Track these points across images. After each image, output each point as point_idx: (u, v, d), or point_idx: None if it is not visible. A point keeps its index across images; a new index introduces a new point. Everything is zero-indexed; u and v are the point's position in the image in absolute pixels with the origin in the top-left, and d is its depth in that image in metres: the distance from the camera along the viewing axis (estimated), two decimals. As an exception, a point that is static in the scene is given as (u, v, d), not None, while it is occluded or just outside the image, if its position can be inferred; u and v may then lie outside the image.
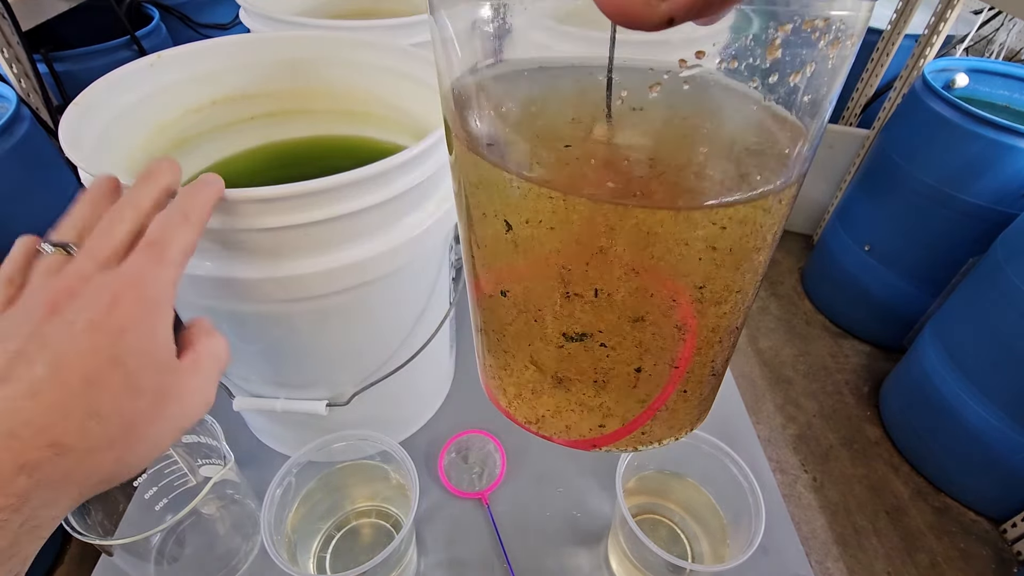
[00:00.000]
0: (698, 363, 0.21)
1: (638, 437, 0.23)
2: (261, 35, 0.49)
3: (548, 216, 0.17)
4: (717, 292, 0.18)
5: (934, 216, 1.33)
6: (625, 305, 0.18)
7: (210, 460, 0.48)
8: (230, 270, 0.35)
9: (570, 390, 0.21)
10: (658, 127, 0.18)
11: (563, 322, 0.19)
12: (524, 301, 0.20)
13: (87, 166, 0.31)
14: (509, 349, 0.22)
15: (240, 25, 0.59)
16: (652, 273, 0.17)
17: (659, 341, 0.19)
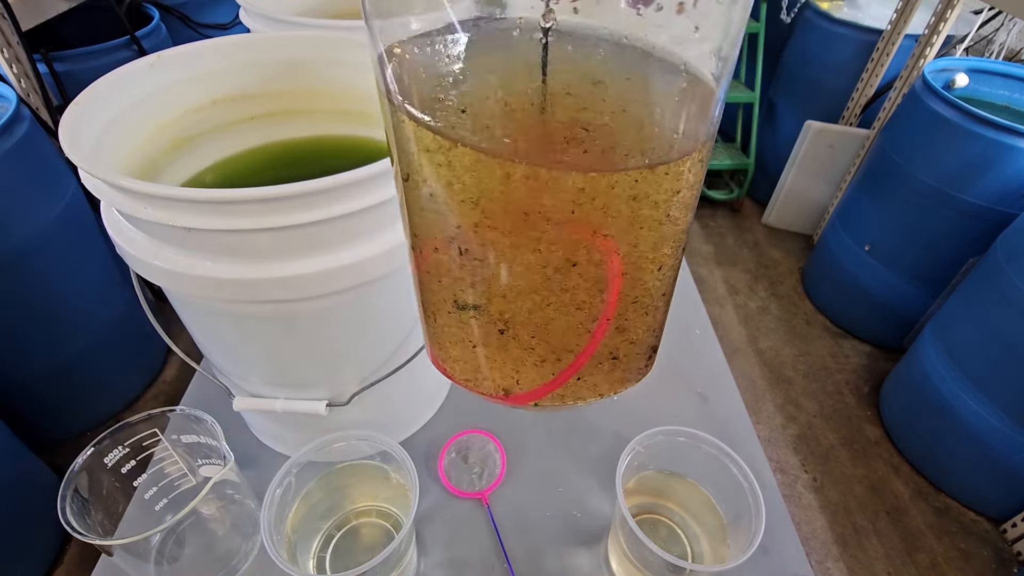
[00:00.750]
0: (624, 317, 0.21)
1: (575, 389, 0.23)
2: (261, 35, 0.49)
3: (473, 176, 0.17)
4: (639, 249, 0.19)
5: (934, 216, 1.33)
6: (550, 262, 0.19)
7: (210, 460, 0.48)
8: (230, 270, 0.35)
9: (503, 347, 0.21)
10: (582, 91, 0.18)
11: (489, 281, 0.20)
12: (457, 264, 0.20)
13: (87, 166, 0.31)
14: (443, 310, 0.22)
15: (240, 25, 0.59)
16: (575, 232, 0.18)
17: (584, 296, 0.20)
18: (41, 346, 1.12)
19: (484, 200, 0.18)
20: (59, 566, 1.09)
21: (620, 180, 0.17)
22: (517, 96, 0.18)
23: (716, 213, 2.13)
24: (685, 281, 0.79)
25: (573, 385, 0.23)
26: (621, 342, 0.22)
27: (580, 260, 0.19)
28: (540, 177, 0.17)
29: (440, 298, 0.22)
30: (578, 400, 0.24)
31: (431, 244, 0.21)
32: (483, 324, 0.21)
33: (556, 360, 0.22)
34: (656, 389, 0.64)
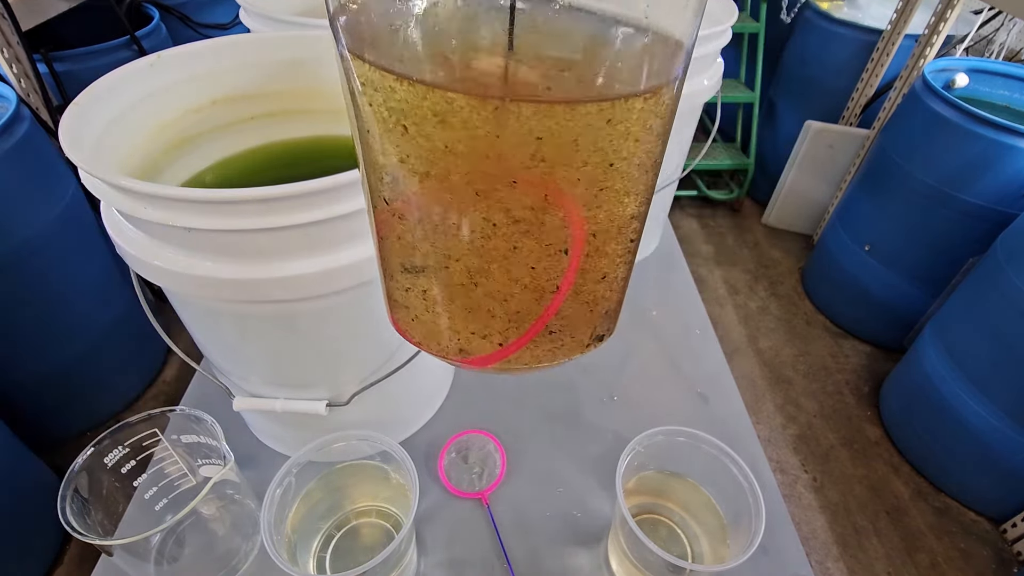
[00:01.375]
0: (589, 267, 0.21)
1: (539, 349, 0.22)
2: (261, 35, 0.49)
3: (422, 117, 0.17)
4: (605, 195, 0.19)
5: (934, 216, 1.33)
6: (512, 211, 0.18)
7: (210, 460, 0.48)
8: (230, 270, 0.35)
9: (458, 309, 0.21)
10: (543, 33, 0.18)
11: (442, 239, 0.19)
12: (415, 218, 0.20)
13: (87, 166, 0.31)
14: (397, 271, 0.22)
15: (240, 25, 0.59)
16: (538, 176, 0.18)
17: (548, 244, 0.19)
18: (41, 346, 1.12)
19: (436, 146, 0.18)
20: (59, 566, 1.09)
21: (577, 115, 0.17)
22: (470, 35, 0.18)
23: (716, 213, 2.13)
24: (685, 281, 0.79)
25: (531, 348, 0.22)
26: (580, 306, 0.22)
27: (538, 218, 0.19)
28: (493, 114, 0.17)
29: (395, 258, 0.22)
30: (538, 364, 0.23)
31: (384, 200, 0.20)
32: (436, 285, 0.21)
33: (516, 323, 0.21)
34: (656, 389, 0.64)
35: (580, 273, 0.21)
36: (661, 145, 0.20)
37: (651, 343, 0.70)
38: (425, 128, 0.17)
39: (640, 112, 0.18)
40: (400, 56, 0.18)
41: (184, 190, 0.30)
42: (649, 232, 0.81)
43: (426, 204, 0.19)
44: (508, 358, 0.22)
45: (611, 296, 0.23)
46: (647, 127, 0.19)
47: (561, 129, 0.17)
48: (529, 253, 0.19)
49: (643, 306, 0.75)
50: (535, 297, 0.21)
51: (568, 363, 0.71)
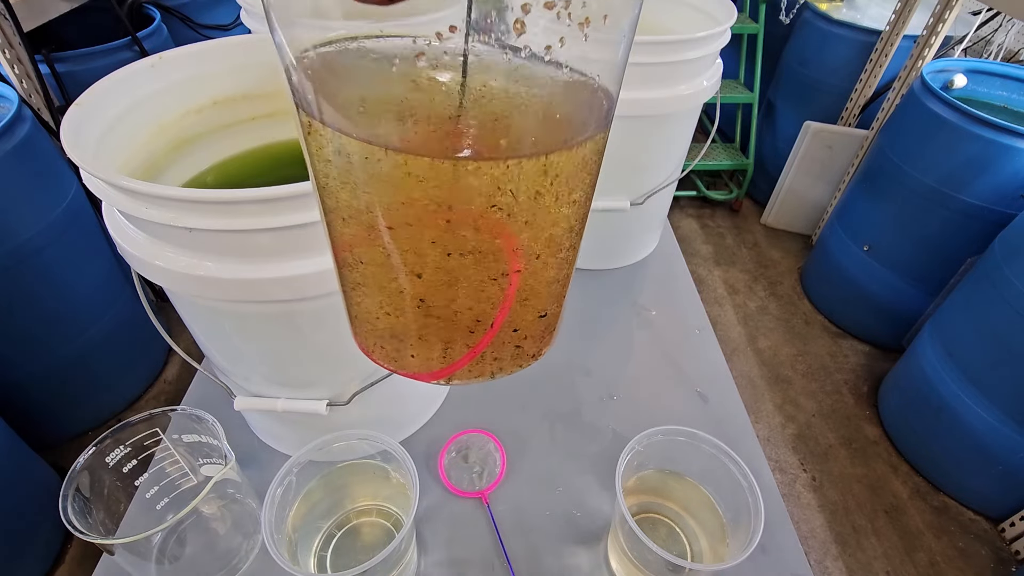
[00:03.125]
0: (528, 286, 0.23)
1: (487, 363, 0.25)
2: (262, 36, 0.49)
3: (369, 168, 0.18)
4: (542, 231, 0.21)
5: (933, 216, 1.34)
6: (455, 248, 0.20)
7: (211, 459, 0.48)
8: (230, 270, 0.35)
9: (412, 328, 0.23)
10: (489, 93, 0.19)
11: (400, 269, 0.21)
12: (366, 255, 0.22)
13: (88, 166, 0.31)
14: (361, 299, 0.24)
15: (241, 26, 0.59)
16: (479, 219, 0.19)
17: (489, 277, 0.21)
18: (43, 346, 1.13)
19: (382, 191, 0.19)
20: (60, 565, 1.09)
21: (511, 168, 0.18)
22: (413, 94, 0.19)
23: (715, 213, 2.14)
24: (684, 281, 0.80)
25: (478, 364, 0.25)
26: (520, 325, 0.24)
27: (478, 248, 0.20)
28: (431, 168, 0.18)
29: (350, 284, 0.24)
30: (483, 376, 0.26)
31: (339, 233, 0.22)
32: (390, 309, 0.23)
33: (458, 345, 0.24)
34: (656, 389, 0.64)
35: (518, 299, 0.23)
36: (591, 184, 0.22)
37: (651, 343, 0.70)
38: (371, 179, 0.19)
39: (579, 158, 0.20)
40: (349, 116, 0.19)
41: (185, 190, 0.31)
42: (649, 232, 0.81)
43: (373, 241, 0.21)
44: (452, 375, 0.25)
45: (547, 317, 0.26)
46: (581, 171, 0.21)
47: (504, 180, 0.19)
48: (470, 284, 0.21)
49: (643, 306, 0.75)
50: (478, 320, 0.23)
51: (568, 363, 0.70)
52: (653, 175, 0.70)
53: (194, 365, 0.48)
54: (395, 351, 0.25)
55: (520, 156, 0.18)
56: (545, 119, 0.20)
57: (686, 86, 0.62)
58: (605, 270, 0.80)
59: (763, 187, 2.08)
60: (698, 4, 0.70)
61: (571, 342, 0.69)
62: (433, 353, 0.24)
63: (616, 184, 0.69)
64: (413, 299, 0.22)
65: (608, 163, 0.24)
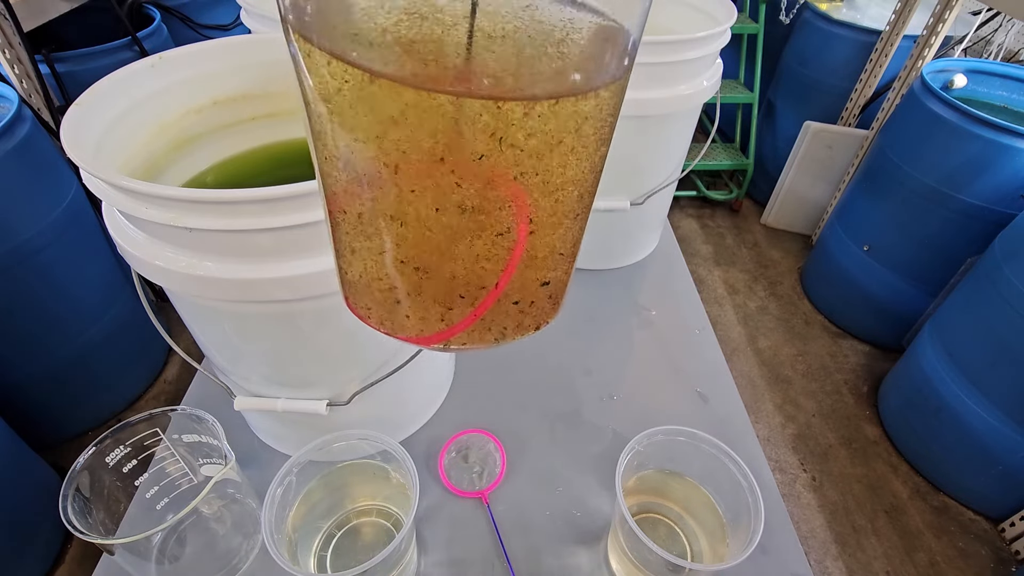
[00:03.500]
0: (535, 249, 0.21)
1: (486, 329, 0.23)
2: (262, 36, 0.49)
3: (373, 104, 0.17)
4: (552, 181, 0.20)
5: (933, 216, 1.34)
6: (454, 204, 0.19)
7: (211, 459, 0.48)
8: (231, 270, 0.35)
9: (416, 289, 0.22)
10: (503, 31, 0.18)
11: (399, 221, 0.20)
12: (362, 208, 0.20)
13: (88, 166, 0.31)
14: (354, 258, 0.23)
15: (241, 26, 0.59)
16: (480, 173, 0.18)
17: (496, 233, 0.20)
18: (43, 346, 1.13)
19: (385, 133, 0.18)
20: (60, 565, 1.09)
21: (524, 110, 0.17)
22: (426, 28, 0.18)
23: (715, 213, 2.14)
24: (684, 281, 0.80)
25: (479, 327, 0.23)
26: (526, 285, 0.23)
27: (485, 202, 0.19)
28: (443, 107, 0.17)
29: (348, 241, 0.22)
30: (483, 343, 0.24)
31: (334, 185, 0.21)
32: (389, 268, 0.22)
33: (463, 302, 0.22)
34: (656, 389, 0.65)
35: (523, 260, 0.21)
36: (607, 138, 0.21)
37: (651, 343, 0.70)
38: (377, 119, 0.18)
39: (594, 105, 0.19)
40: (356, 48, 0.17)
41: (185, 190, 0.31)
42: (649, 232, 0.81)
43: (375, 192, 0.20)
44: (450, 339, 0.23)
45: (552, 284, 0.24)
46: (596, 120, 0.19)
47: (517, 123, 0.17)
48: (476, 239, 0.20)
49: (643, 306, 0.75)
50: (480, 281, 0.21)
51: (568, 363, 0.70)
52: (653, 175, 0.70)
53: (194, 365, 0.48)
54: (389, 313, 0.23)
55: (531, 97, 0.17)
56: (562, 58, 0.18)
57: (686, 86, 0.62)
58: (605, 270, 0.80)
59: (763, 187, 2.08)
60: (698, 4, 0.70)
61: (571, 342, 0.69)
62: (431, 315, 0.23)
63: (616, 184, 0.69)
64: (409, 256, 0.21)
65: (608, 163, 0.23)
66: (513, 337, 0.24)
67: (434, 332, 0.23)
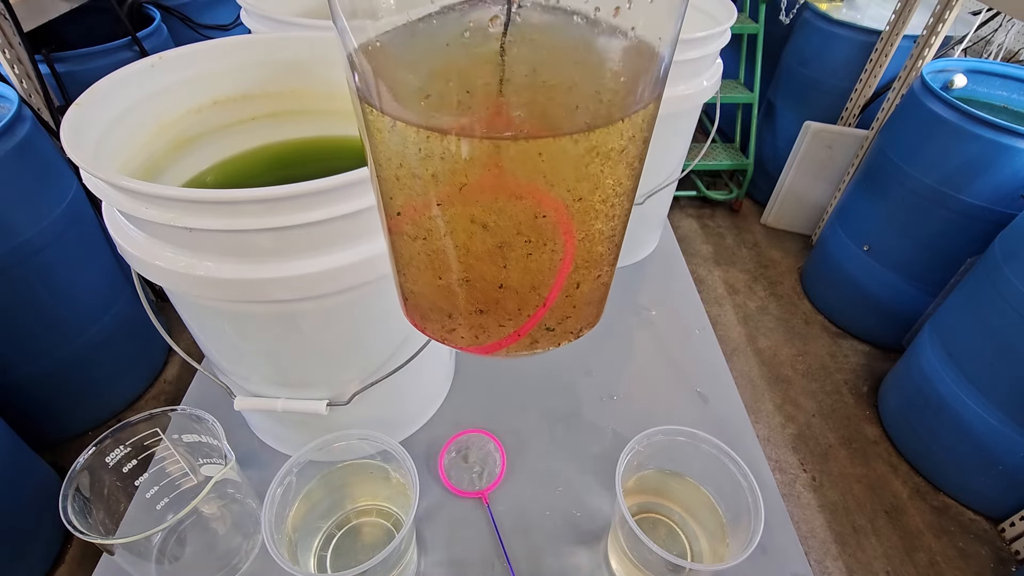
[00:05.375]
0: (579, 267, 0.23)
1: (538, 338, 0.25)
2: (262, 36, 0.49)
3: (442, 155, 0.19)
4: (593, 204, 0.21)
5: (933, 216, 1.34)
6: (514, 224, 0.21)
7: (211, 459, 0.48)
8: (231, 270, 0.35)
9: (474, 305, 0.24)
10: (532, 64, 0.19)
11: (460, 247, 0.22)
12: (427, 232, 0.22)
13: (88, 166, 0.31)
14: (415, 276, 0.25)
15: (241, 26, 0.59)
16: (536, 194, 0.20)
17: (545, 253, 0.22)
18: (43, 346, 1.13)
19: (444, 175, 0.19)
20: (60, 565, 1.09)
21: (566, 144, 0.19)
22: (470, 78, 0.19)
23: (715, 213, 2.14)
24: (684, 281, 0.80)
25: (533, 336, 0.25)
26: (574, 295, 0.25)
27: (536, 226, 0.21)
28: (491, 150, 0.18)
29: (408, 261, 0.24)
30: (538, 349, 0.26)
31: (398, 213, 0.23)
32: (450, 285, 0.23)
33: (518, 313, 0.24)
34: (656, 389, 0.65)
35: (570, 276, 0.23)
36: (641, 159, 0.22)
37: (651, 343, 0.70)
38: (431, 165, 0.19)
39: (626, 132, 0.20)
40: (408, 106, 0.19)
41: (185, 190, 0.31)
42: (649, 232, 0.81)
43: (432, 221, 0.21)
44: (507, 347, 0.26)
45: (597, 293, 0.26)
46: (631, 144, 0.21)
47: (554, 157, 0.19)
48: (528, 261, 0.22)
49: (643, 306, 0.75)
50: (531, 298, 0.23)
51: (568, 363, 0.71)
52: (653, 175, 0.70)
53: (194, 365, 0.48)
54: (447, 327, 0.26)
55: (567, 133, 0.18)
56: (598, 93, 0.19)
57: (686, 86, 0.62)
58: (605, 270, 0.80)
59: (763, 187, 2.08)
60: (698, 4, 0.70)
61: (571, 342, 0.69)
62: (485, 329, 0.25)
63: (616, 184, 0.69)
64: (465, 276, 0.22)
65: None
66: (559, 344, 0.27)
67: (487, 343, 0.25)
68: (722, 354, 0.68)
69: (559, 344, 0.26)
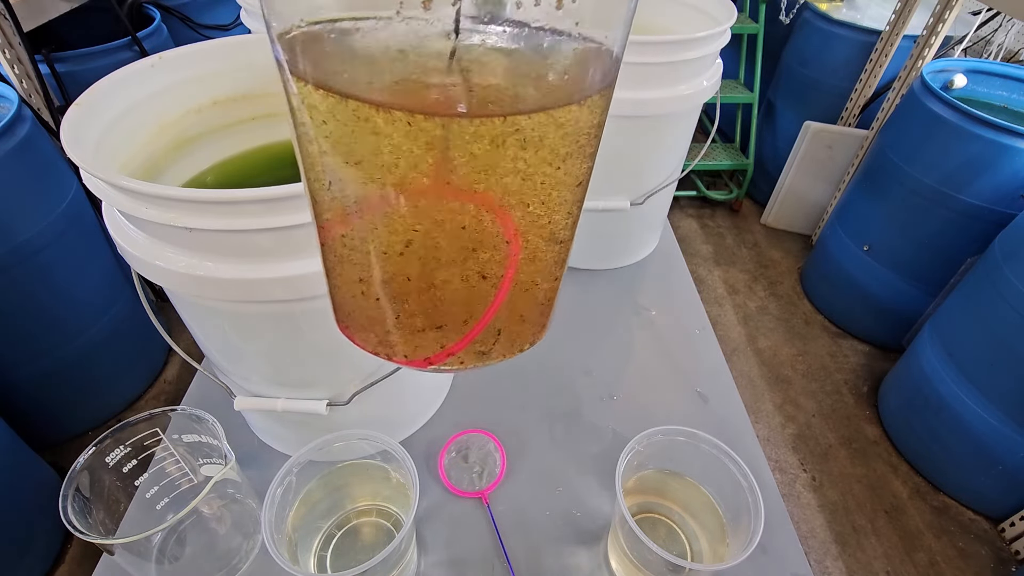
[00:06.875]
0: (525, 272, 0.22)
1: (478, 351, 0.23)
2: (262, 36, 0.49)
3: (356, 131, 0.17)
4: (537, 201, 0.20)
5: (933, 216, 1.34)
6: (452, 221, 0.19)
7: (211, 459, 0.48)
8: (231, 270, 0.35)
9: (409, 313, 0.22)
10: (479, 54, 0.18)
11: (392, 246, 0.20)
12: (359, 234, 0.20)
13: (88, 166, 0.31)
14: (342, 280, 0.23)
15: (241, 26, 0.59)
16: (463, 194, 0.18)
17: (482, 251, 0.20)
18: (43, 346, 1.13)
19: (373, 158, 0.18)
20: (60, 565, 1.09)
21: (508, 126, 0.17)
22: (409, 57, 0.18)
23: (715, 213, 2.14)
24: (684, 281, 0.80)
25: (472, 349, 0.23)
26: (518, 305, 0.23)
27: (473, 224, 0.19)
28: (424, 129, 0.17)
29: (338, 269, 0.23)
30: (476, 363, 0.24)
31: (326, 213, 0.21)
32: (379, 294, 0.22)
33: (461, 323, 0.22)
34: (656, 389, 0.65)
35: (515, 281, 0.22)
36: (591, 154, 0.21)
37: (651, 343, 0.70)
38: (364, 144, 0.18)
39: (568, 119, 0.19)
40: (339, 76, 0.18)
41: (185, 190, 0.31)
42: (649, 232, 0.81)
43: (362, 216, 0.20)
44: (444, 361, 0.24)
45: (542, 299, 0.24)
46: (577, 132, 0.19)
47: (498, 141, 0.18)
48: (466, 261, 0.20)
49: (643, 306, 0.75)
50: (472, 303, 0.22)
51: (568, 363, 0.71)
52: (653, 175, 0.70)
53: (194, 365, 0.48)
54: (381, 337, 0.24)
55: (505, 114, 0.17)
56: (539, 78, 0.18)
57: (686, 86, 0.62)
58: (605, 270, 0.80)
59: (763, 187, 2.08)
60: (698, 4, 0.70)
61: (571, 342, 0.69)
62: (423, 339, 0.23)
63: (616, 184, 0.69)
64: (400, 281, 0.21)
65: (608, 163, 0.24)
66: (501, 357, 0.24)
67: (425, 356, 0.23)
68: (722, 354, 0.68)
69: (500, 357, 0.24)
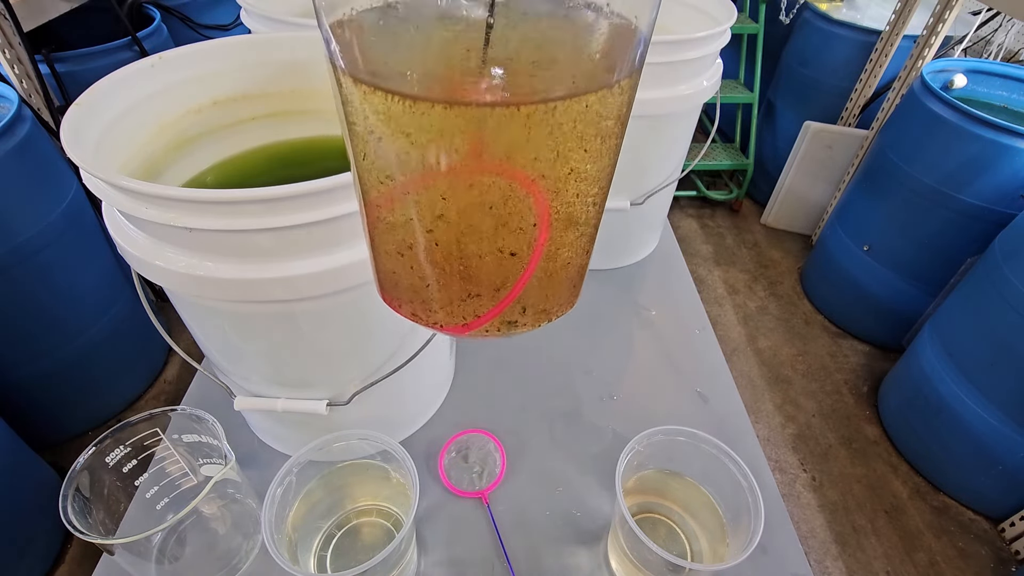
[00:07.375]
0: (554, 245, 0.23)
1: (510, 318, 0.25)
2: (262, 36, 0.49)
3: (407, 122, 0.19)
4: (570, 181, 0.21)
5: (933, 216, 1.34)
6: (483, 203, 0.20)
7: (211, 459, 0.48)
8: (231, 270, 0.35)
9: (447, 282, 0.23)
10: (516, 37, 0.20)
11: (434, 221, 0.21)
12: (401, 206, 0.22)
13: (88, 166, 0.31)
14: (387, 250, 0.24)
15: (241, 26, 0.59)
16: (510, 165, 0.20)
17: (517, 226, 0.22)
18: (43, 346, 1.13)
19: (421, 145, 0.19)
20: (60, 565, 1.09)
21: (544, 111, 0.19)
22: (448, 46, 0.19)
23: (715, 213, 2.14)
24: (684, 281, 0.80)
25: (507, 316, 0.25)
26: (550, 273, 0.24)
27: (511, 201, 0.21)
28: (461, 113, 0.18)
29: (384, 239, 0.24)
30: (512, 330, 0.26)
31: (372, 190, 0.22)
32: (425, 263, 0.23)
33: (494, 292, 0.24)
34: (656, 389, 0.65)
35: (545, 254, 0.23)
36: (618, 137, 0.22)
37: (651, 343, 0.70)
38: (407, 132, 0.19)
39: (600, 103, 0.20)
40: (386, 72, 0.19)
41: (185, 190, 0.31)
42: (649, 232, 0.81)
43: (410, 195, 0.21)
44: (483, 326, 0.25)
45: (572, 274, 0.26)
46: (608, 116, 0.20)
47: (533, 126, 0.19)
48: (501, 236, 0.22)
49: (643, 306, 0.75)
50: (505, 274, 0.23)
51: (568, 363, 0.71)
52: (653, 175, 0.70)
53: (194, 365, 0.48)
54: (422, 305, 0.25)
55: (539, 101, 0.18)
56: (576, 62, 0.19)
57: (686, 86, 0.62)
58: (605, 270, 0.80)
59: (763, 187, 2.08)
60: (698, 4, 0.70)
61: (571, 342, 0.69)
62: (460, 307, 0.24)
63: (616, 184, 0.68)
64: (441, 253, 0.22)
65: (608, 163, 0.24)
66: (533, 326, 0.26)
67: (461, 323, 0.25)
68: (722, 354, 0.68)
69: (532, 326, 0.26)
